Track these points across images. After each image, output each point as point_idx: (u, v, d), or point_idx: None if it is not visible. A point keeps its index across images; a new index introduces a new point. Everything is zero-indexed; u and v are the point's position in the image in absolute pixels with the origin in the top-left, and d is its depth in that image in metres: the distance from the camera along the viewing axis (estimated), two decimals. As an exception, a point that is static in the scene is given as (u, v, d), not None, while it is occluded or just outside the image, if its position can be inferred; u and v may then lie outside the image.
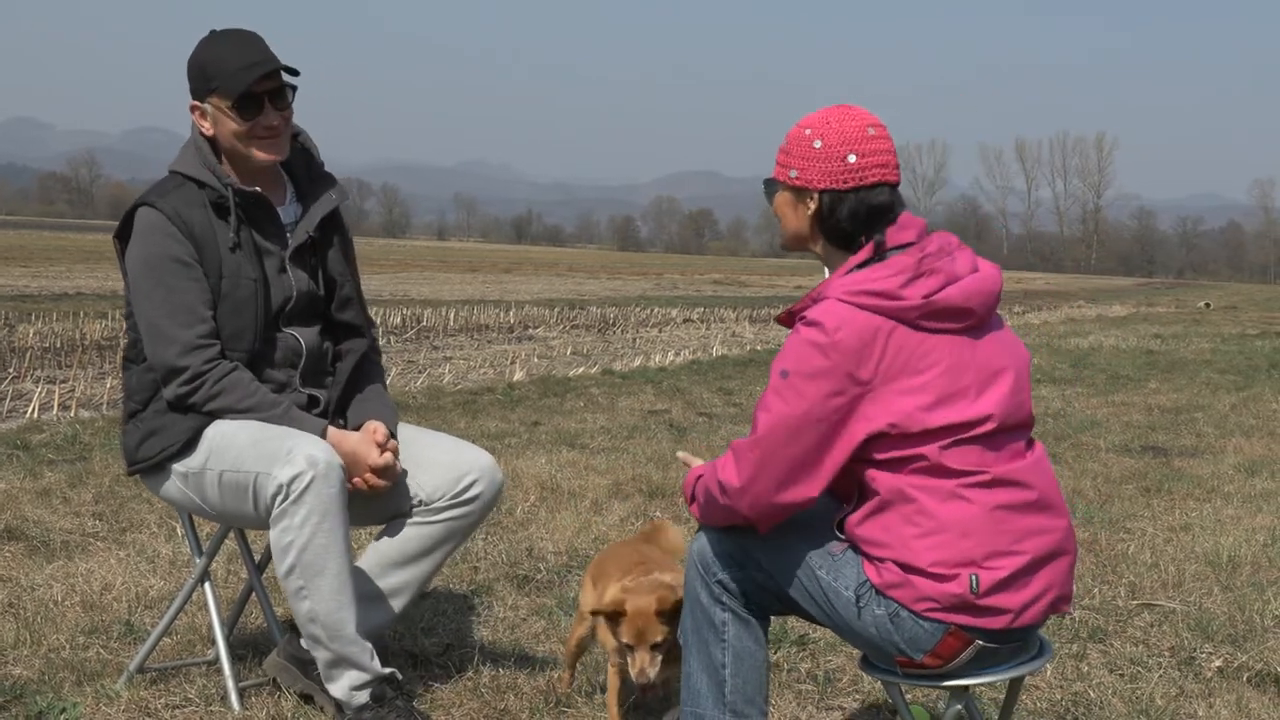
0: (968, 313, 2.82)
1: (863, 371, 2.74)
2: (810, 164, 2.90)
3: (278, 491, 3.48)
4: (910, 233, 2.88)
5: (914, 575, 2.77)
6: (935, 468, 2.77)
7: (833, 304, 2.79)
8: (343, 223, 3.99)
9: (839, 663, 4.36)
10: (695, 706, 3.07)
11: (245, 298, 3.69)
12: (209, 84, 3.66)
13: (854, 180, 2.87)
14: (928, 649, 2.82)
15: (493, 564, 5.52)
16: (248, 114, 3.64)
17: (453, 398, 11.32)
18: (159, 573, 5.15)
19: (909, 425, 2.75)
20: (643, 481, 7.31)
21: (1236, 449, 9.53)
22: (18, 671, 4.00)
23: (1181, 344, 22.59)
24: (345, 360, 3.93)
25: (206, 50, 3.69)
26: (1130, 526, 6.68)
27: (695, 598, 3.08)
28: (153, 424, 3.69)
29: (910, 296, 2.76)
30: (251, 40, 3.68)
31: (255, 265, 3.71)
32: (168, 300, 3.62)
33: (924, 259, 2.81)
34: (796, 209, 2.96)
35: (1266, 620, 5.01)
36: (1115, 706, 4.05)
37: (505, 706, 3.87)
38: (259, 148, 3.69)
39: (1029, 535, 2.81)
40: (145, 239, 3.66)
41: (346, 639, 3.57)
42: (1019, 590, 2.79)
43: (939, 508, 2.77)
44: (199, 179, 3.70)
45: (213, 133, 3.71)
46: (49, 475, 7.00)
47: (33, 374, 11.91)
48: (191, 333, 3.60)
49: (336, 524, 3.51)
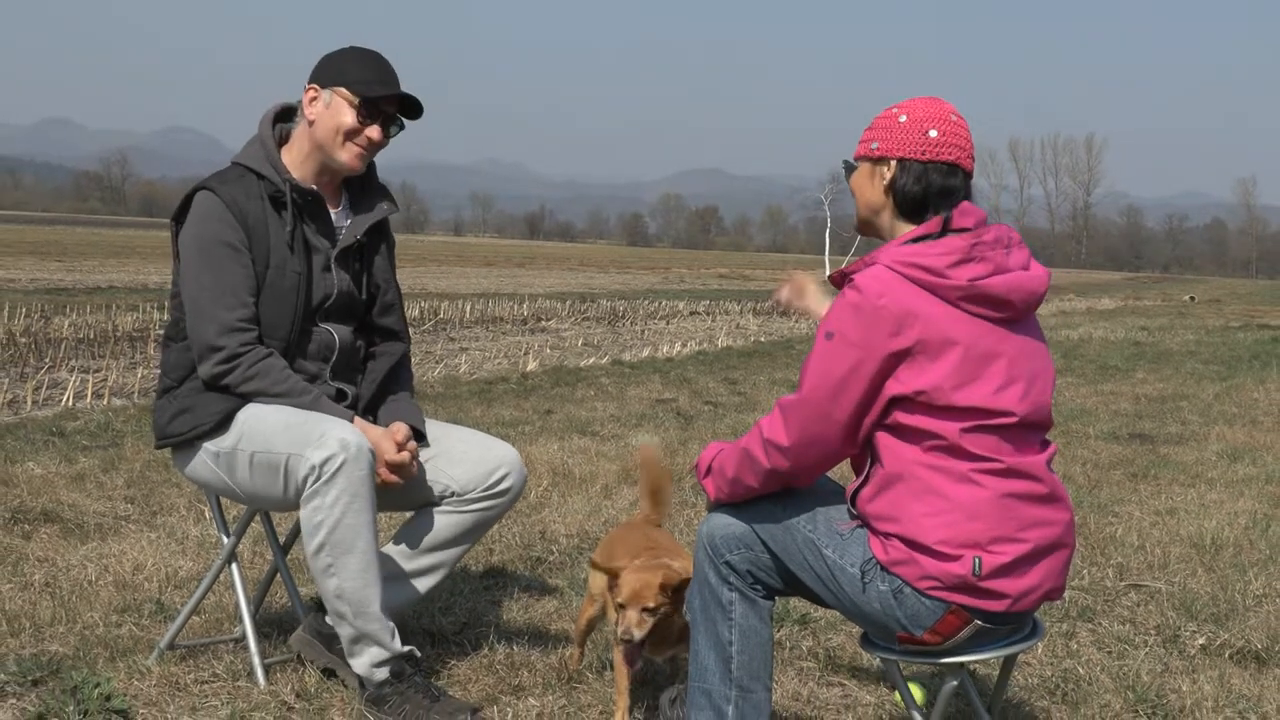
0: (1007, 304, 2.81)
1: (900, 339, 2.73)
2: (893, 135, 2.92)
3: (310, 472, 3.48)
4: (969, 219, 2.88)
5: (919, 553, 2.77)
6: (953, 448, 2.76)
7: (880, 270, 2.79)
8: (389, 233, 4.02)
9: (840, 641, 4.36)
10: (703, 682, 3.08)
11: (288, 289, 3.70)
12: (343, 76, 3.71)
13: (931, 153, 2.89)
14: (928, 626, 2.82)
15: (507, 546, 5.53)
16: (364, 117, 3.70)
17: (469, 387, 11.33)
18: (188, 554, 5.16)
19: (935, 397, 2.74)
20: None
21: (1220, 436, 9.52)
22: (54, 648, 4.01)
23: (1167, 336, 22.56)
24: (380, 361, 3.95)
25: (351, 54, 3.77)
26: (1118, 510, 6.67)
27: (704, 578, 3.08)
28: (186, 401, 3.70)
29: (955, 278, 2.76)
30: (390, 67, 3.77)
31: (302, 260, 3.73)
32: (215, 282, 3.63)
33: (977, 245, 2.81)
34: (873, 178, 2.97)
35: (1248, 600, 5.01)
36: (1103, 683, 4.05)
37: (519, 682, 3.88)
38: (349, 153, 3.74)
39: (1034, 525, 2.80)
40: (201, 221, 3.67)
41: (370, 616, 3.58)
42: (1019, 578, 2.78)
43: (952, 488, 2.76)
44: (260, 172, 3.72)
45: (315, 118, 3.73)
46: (83, 461, 7.01)
47: (67, 364, 11.92)
48: (232, 315, 3.61)
49: (365, 505, 3.52)
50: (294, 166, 3.77)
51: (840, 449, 2.85)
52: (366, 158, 3.79)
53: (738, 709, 3.04)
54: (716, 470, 3.03)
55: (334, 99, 3.71)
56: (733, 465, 2.97)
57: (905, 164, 2.90)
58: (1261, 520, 6.44)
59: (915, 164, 2.89)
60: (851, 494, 2.91)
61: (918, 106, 2.94)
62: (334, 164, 3.77)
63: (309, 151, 3.77)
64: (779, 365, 14.84)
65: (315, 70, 3.77)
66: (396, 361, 3.98)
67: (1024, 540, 2.78)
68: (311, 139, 3.75)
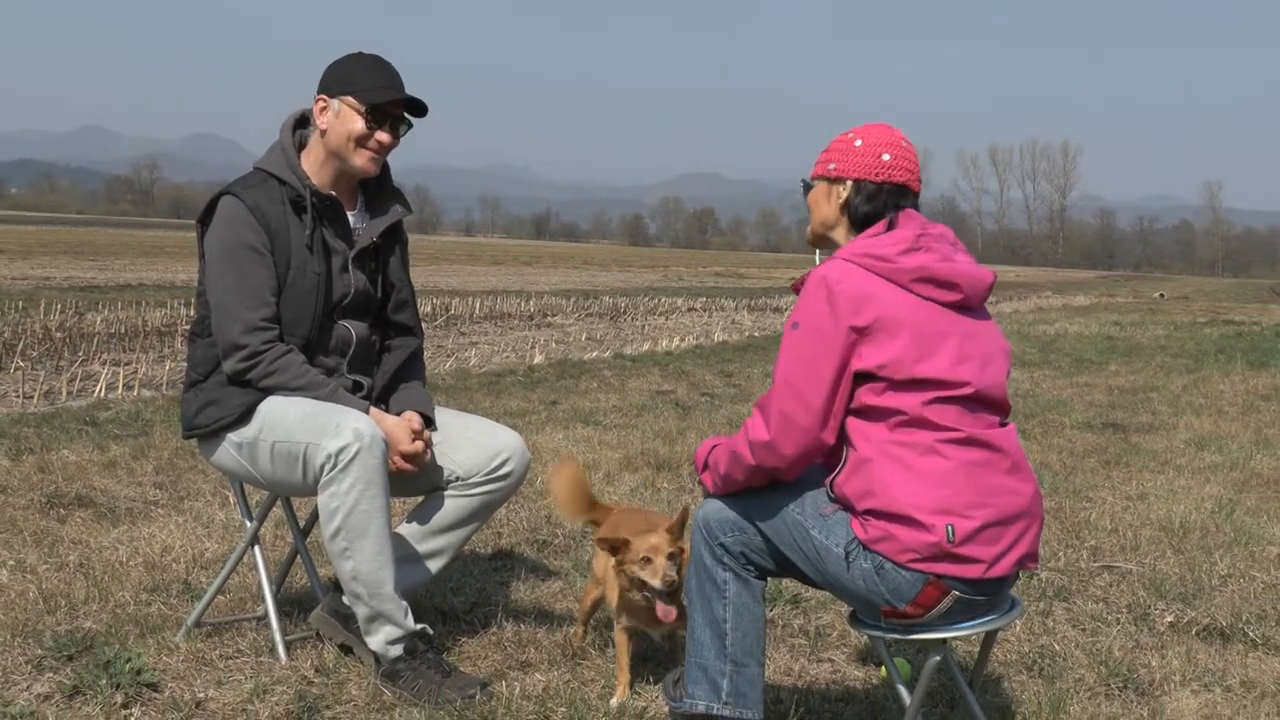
0: (955, 286, 2.88)
1: (859, 319, 2.81)
2: (849, 158, 3.03)
3: (326, 461, 3.48)
4: (915, 221, 2.98)
5: (896, 525, 2.79)
6: (916, 420, 2.80)
7: (836, 261, 2.90)
8: (403, 233, 4.01)
9: (829, 619, 4.36)
10: (699, 657, 3.09)
11: (308, 289, 3.69)
12: (349, 85, 3.70)
13: (883, 175, 3.00)
14: (910, 598, 2.83)
15: (515, 530, 5.52)
16: (374, 122, 3.70)
17: (478, 379, 11.32)
18: (213, 537, 5.16)
19: (896, 370, 2.80)
20: (651, 455, 7.30)
21: (1188, 426, 9.51)
22: (88, 625, 4.01)
23: (1138, 331, 22.54)
24: (394, 354, 3.95)
25: (355, 62, 3.75)
26: (1092, 496, 6.67)
27: (700, 560, 3.09)
28: (211, 395, 3.70)
29: (905, 263, 2.86)
30: (394, 71, 3.76)
31: (321, 261, 3.72)
32: (239, 284, 3.62)
33: (923, 236, 2.92)
34: (830, 196, 3.06)
35: (1213, 580, 5.00)
36: (1077, 658, 4.05)
37: (525, 658, 3.88)
38: (361, 157, 3.73)
39: (999, 493, 2.83)
40: (226, 225, 3.67)
41: (385, 596, 3.58)
42: (990, 543, 2.81)
43: (918, 460, 2.80)
44: (281, 177, 3.72)
45: (326, 127, 3.72)
46: (115, 449, 7.01)
47: (100, 357, 11.92)
48: (255, 315, 3.61)
49: (379, 491, 3.52)
50: (313, 172, 3.77)
51: (819, 435, 2.86)
52: (379, 160, 3.79)
53: (732, 682, 3.05)
54: (711, 467, 3.07)
55: (343, 107, 3.70)
56: (724, 463, 3.01)
57: (860, 184, 3.01)
58: (1227, 505, 6.44)
59: (869, 184, 3.01)
60: (830, 481, 2.93)
61: (872, 133, 3.06)
62: (349, 169, 3.76)
63: (325, 158, 3.76)
64: (771, 359, 14.83)
65: (322, 80, 3.77)
66: (410, 355, 3.98)
67: (990, 505, 2.81)
68: (326, 147, 3.75)
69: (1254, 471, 7.50)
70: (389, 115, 3.74)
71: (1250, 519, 6.14)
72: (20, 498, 5.70)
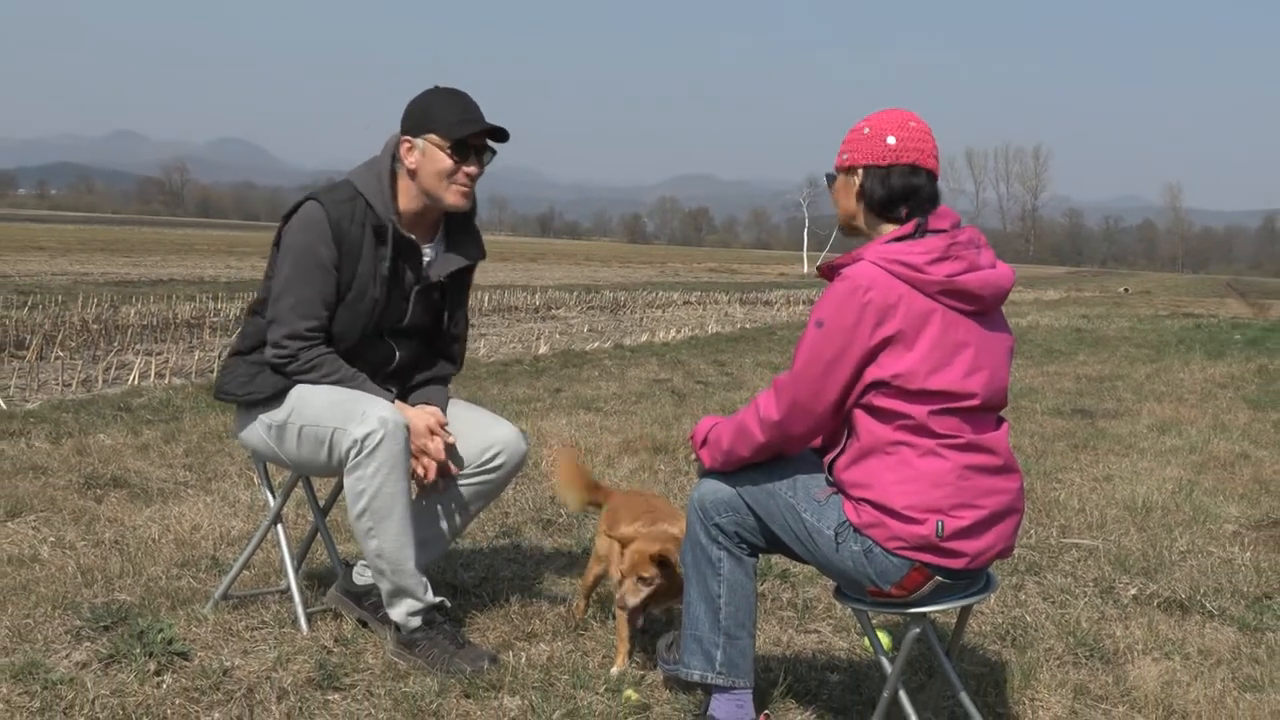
0: (979, 299, 2.81)
1: (884, 328, 2.74)
2: (859, 147, 2.92)
3: (352, 446, 3.47)
4: (944, 222, 2.88)
5: (888, 516, 2.77)
6: (920, 427, 2.76)
7: (867, 265, 2.79)
8: (471, 276, 3.92)
9: (815, 593, 4.36)
10: (694, 629, 3.08)
11: (363, 310, 3.63)
12: (430, 124, 3.58)
13: (891, 158, 2.88)
14: (895, 581, 2.82)
15: (521, 510, 5.52)
16: (459, 157, 3.58)
17: (487, 369, 11.31)
18: (239, 515, 5.15)
19: (909, 381, 2.74)
20: (649, 439, 7.29)
21: (1150, 412, 9.52)
22: (123, 597, 4.01)
23: (1105, 323, 22.54)
24: (426, 373, 3.88)
25: (433, 98, 3.62)
26: (1061, 477, 6.67)
27: (695, 538, 3.08)
28: (250, 369, 3.67)
29: (934, 274, 2.77)
30: (471, 102, 3.63)
31: (384, 290, 3.64)
32: (298, 289, 3.56)
33: (953, 245, 2.82)
34: (847, 187, 2.96)
35: (1173, 555, 5.01)
36: (1048, 629, 4.05)
37: (531, 629, 3.88)
38: (452, 194, 3.62)
39: (989, 494, 2.81)
40: (304, 230, 3.58)
41: (406, 573, 3.57)
42: (975, 540, 2.79)
43: (918, 461, 2.76)
44: (370, 200, 3.61)
45: (415, 167, 3.61)
46: (147, 433, 7.00)
47: (133, 348, 11.90)
48: (303, 324, 3.56)
49: (402, 475, 3.51)
50: (404, 202, 3.66)
51: (827, 422, 2.85)
52: (469, 193, 3.66)
53: (725, 653, 3.05)
54: (712, 442, 3.03)
55: (428, 146, 3.59)
56: (728, 438, 2.97)
57: (870, 170, 2.90)
58: (1186, 485, 6.45)
59: (877, 169, 2.89)
60: (829, 462, 2.91)
61: (879, 119, 2.95)
62: (441, 205, 3.66)
63: (416, 194, 3.66)
64: (762, 349, 14.83)
65: (404, 120, 3.63)
66: (439, 377, 3.90)
67: (981, 507, 2.78)
68: (418, 186, 3.64)
69: (1211, 454, 7.51)
70: (472, 147, 3.62)
71: (1208, 498, 6.15)
72: (60, 479, 5.69)
